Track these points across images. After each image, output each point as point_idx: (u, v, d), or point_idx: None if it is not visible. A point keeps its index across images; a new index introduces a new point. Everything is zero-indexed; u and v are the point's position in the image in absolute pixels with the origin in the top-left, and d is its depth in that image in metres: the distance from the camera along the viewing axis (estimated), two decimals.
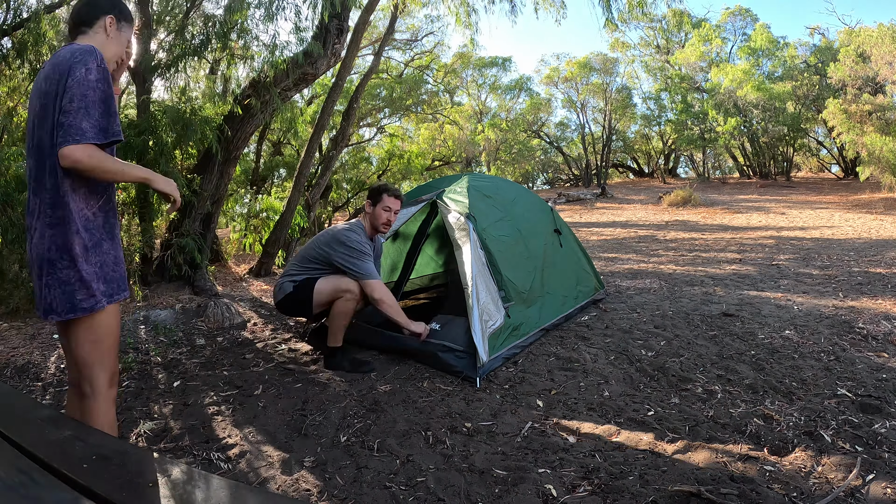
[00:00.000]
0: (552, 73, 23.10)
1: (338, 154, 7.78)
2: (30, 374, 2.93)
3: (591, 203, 15.99)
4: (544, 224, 3.81)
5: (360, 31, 6.29)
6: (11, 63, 4.95)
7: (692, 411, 2.26)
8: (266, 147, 11.89)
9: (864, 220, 9.58)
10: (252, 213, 6.91)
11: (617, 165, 27.38)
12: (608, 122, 22.42)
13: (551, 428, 2.15)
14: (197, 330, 3.73)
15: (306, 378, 2.74)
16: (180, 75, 4.75)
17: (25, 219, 1.48)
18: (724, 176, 24.28)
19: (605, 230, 10.30)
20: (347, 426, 2.18)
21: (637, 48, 24.04)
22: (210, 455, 1.97)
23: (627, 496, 1.65)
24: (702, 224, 10.51)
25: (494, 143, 20.37)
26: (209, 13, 4.88)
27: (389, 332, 3.06)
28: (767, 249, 7.00)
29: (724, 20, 22.60)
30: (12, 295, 4.22)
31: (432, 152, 16.28)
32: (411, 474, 1.82)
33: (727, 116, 18.36)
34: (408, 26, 15.58)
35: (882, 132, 12.05)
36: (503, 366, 2.83)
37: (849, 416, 2.17)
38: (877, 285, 4.53)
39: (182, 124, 4.50)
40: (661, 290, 4.71)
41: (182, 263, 4.63)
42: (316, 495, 1.70)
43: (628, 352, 3.02)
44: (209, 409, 2.41)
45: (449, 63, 18.20)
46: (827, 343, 3.11)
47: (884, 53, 12.84)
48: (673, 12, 20.71)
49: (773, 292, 4.47)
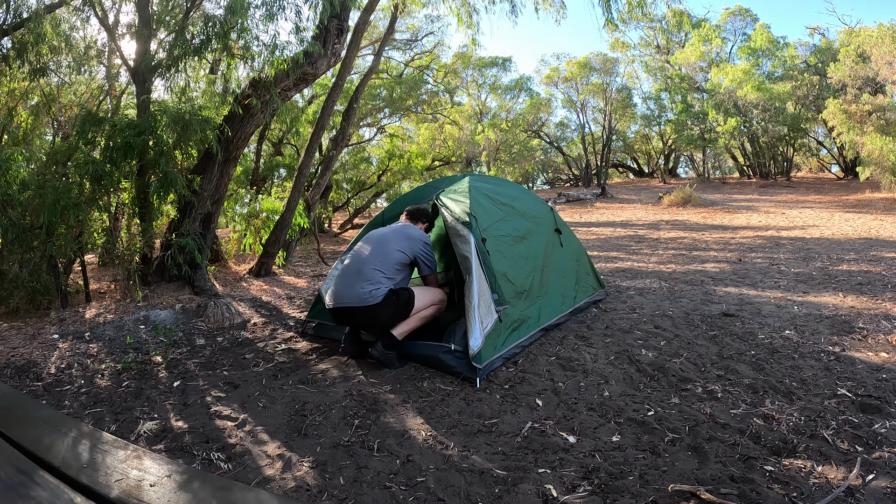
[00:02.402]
0: (552, 73, 23.11)
1: (338, 154, 7.77)
2: (30, 374, 2.93)
3: (591, 203, 15.99)
4: (545, 224, 3.81)
5: (360, 31, 6.30)
6: (11, 63, 4.95)
7: (692, 411, 2.26)
8: (266, 147, 11.89)
9: (864, 220, 9.57)
10: (252, 213, 6.91)
11: (617, 165, 27.39)
12: (608, 122, 22.43)
13: (551, 428, 2.15)
14: (197, 330, 3.73)
15: (306, 378, 2.74)
16: (180, 75, 4.75)
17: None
18: (724, 176, 24.29)
19: (604, 230, 10.30)
20: (347, 426, 2.18)
21: (637, 48, 24.08)
22: (210, 455, 1.97)
23: (627, 496, 1.65)
24: (702, 224, 10.51)
25: (494, 143, 20.37)
26: (209, 13, 4.88)
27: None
28: (767, 249, 7.00)
29: (724, 20, 22.62)
30: (12, 295, 4.22)
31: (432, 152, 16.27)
32: (411, 474, 1.82)
33: (727, 116, 18.37)
34: (408, 26, 15.58)
35: (882, 132, 12.05)
36: (503, 366, 2.83)
37: (849, 416, 2.17)
38: (877, 285, 4.53)
39: (182, 124, 4.50)
40: (661, 290, 4.71)
41: (182, 263, 4.63)
42: (316, 495, 1.70)
43: (628, 352, 3.02)
44: (209, 409, 2.41)
45: (449, 63, 18.20)
46: (827, 343, 3.11)
47: (884, 53, 12.85)
48: (673, 12, 20.67)
49: (773, 292, 4.47)
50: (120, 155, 4.33)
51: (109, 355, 3.21)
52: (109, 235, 4.82)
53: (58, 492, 0.55)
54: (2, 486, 0.54)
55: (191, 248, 4.62)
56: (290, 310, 4.35)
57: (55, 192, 4.14)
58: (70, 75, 6.08)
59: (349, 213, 12.90)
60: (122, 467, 0.60)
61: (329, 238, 10.88)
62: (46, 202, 4.10)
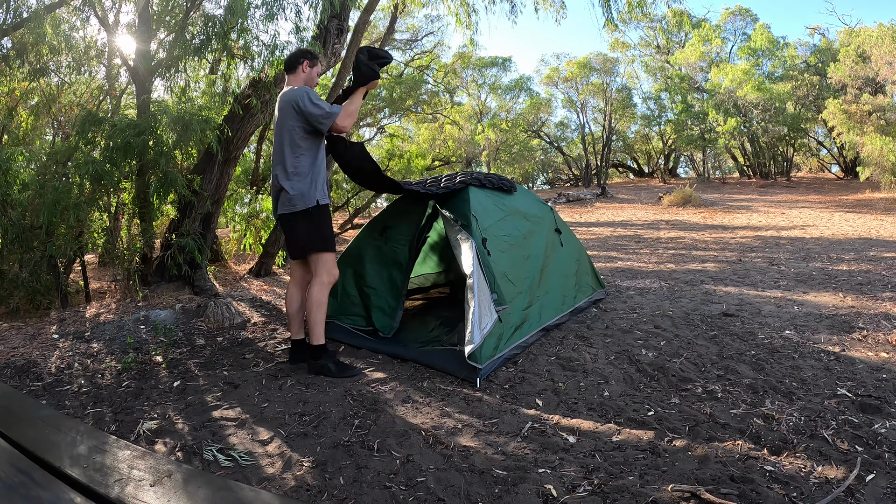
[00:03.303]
0: (552, 73, 23.11)
1: None
2: (30, 374, 2.93)
3: (591, 203, 15.99)
4: (545, 224, 3.81)
5: (360, 31, 6.29)
6: (11, 63, 4.95)
7: (692, 411, 2.26)
8: (266, 147, 11.88)
9: (864, 220, 9.57)
10: (252, 213, 6.91)
11: (617, 165, 27.39)
12: (608, 122, 22.42)
13: (551, 428, 2.15)
14: (197, 330, 3.73)
15: (306, 378, 2.73)
16: (180, 75, 4.75)
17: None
18: (724, 176, 24.29)
19: (604, 230, 10.30)
20: (347, 426, 2.18)
21: (637, 48, 24.07)
22: (210, 454, 1.97)
23: (627, 496, 1.65)
24: (702, 224, 10.51)
25: (494, 143, 20.36)
26: (209, 13, 4.87)
27: (394, 343, 3.09)
28: (767, 249, 7.00)
29: (724, 20, 22.63)
30: (12, 295, 4.22)
31: (432, 152, 16.28)
32: (411, 474, 1.82)
33: (727, 116, 18.36)
34: (408, 26, 15.59)
35: (882, 132, 12.05)
36: (503, 366, 2.83)
37: (849, 416, 2.17)
38: (877, 285, 4.53)
39: (182, 124, 4.50)
40: (661, 290, 4.71)
41: (182, 263, 4.63)
42: (316, 495, 1.70)
43: (628, 352, 3.02)
44: (209, 408, 2.41)
45: (449, 63, 18.21)
46: (827, 343, 3.11)
47: (884, 53, 12.85)
48: (673, 12, 20.66)
49: (773, 292, 4.47)
50: (120, 155, 4.33)
51: (109, 355, 3.21)
52: (109, 235, 4.82)
53: (58, 492, 0.55)
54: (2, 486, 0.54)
55: (191, 248, 4.62)
56: None
57: (55, 192, 4.13)
58: (70, 75, 6.07)
59: (349, 213, 12.89)
60: (122, 467, 0.60)
61: None
62: (46, 202, 4.10)
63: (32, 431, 0.70)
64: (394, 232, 3.49)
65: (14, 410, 0.79)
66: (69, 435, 0.70)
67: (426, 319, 3.83)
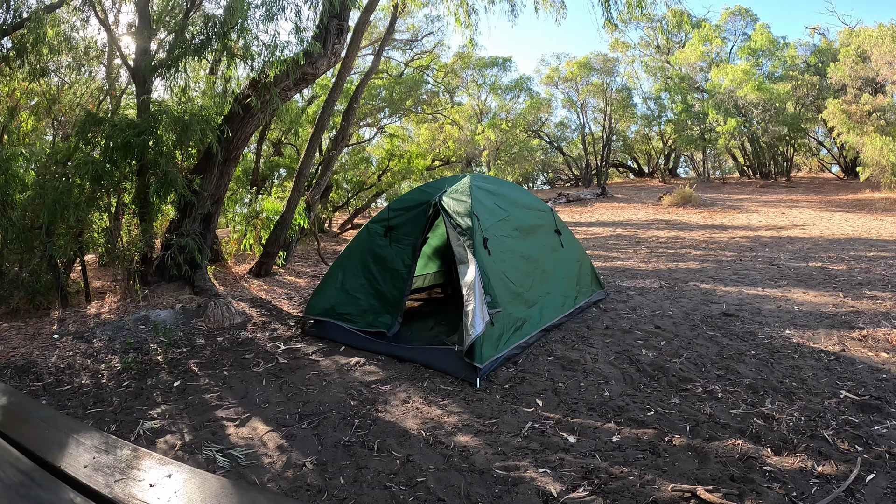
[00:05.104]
0: (552, 73, 23.10)
1: (338, 154, 7.77)
2: (30, 374, 2.93)
3: (591, 203, 15.98)
4: (545, 225, 3.81)
5: (360, 31, 6.29)
6: (12, 63, 4.95)
7: (692, 411, 2.26)
8: (266, 147, 11.89)
9: (864, 220, 9.57)
10: (252, 213, 6.90)
11: (617, 165, 27.38)
12: (608, 122, 22.42)
13: (551, 428, 2.15)
14: (197, 330, 3.73)
15: (307, 378, 2.73)
16: (180, 75, 4.74)
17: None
18: (724, 176, 24.28)
19: (604, 230, 10.29)
20: (347, 426, 2.18)
21: (637, 48, 24.06)
22: (210, 454, 1.97)
23: (627, 496, 1.65)
24: (701, 224, 10.51)
25: (494, 143, 20.36)
26: (209, 13, 4.88)
27: (394, 343, 3.10)
28: (767, 249, 7.00)
29: (724, 20, 22.61)
30: (12, 295, 4.22)
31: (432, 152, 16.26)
32: (411, 474, 1.81)
33: (727, 116, 18.36)
34: (408, 26, 15.57)
35: (882, 132, 12.05)
36: (503, 366, 2.83)
37: (849, 416, 2.17)
38: (877, 285, 4.53)
39: (182, 125, 4.50)
40: (661, 289, 4.71)
41: (182, 263, 4.63)
42: (316, 495, 1.70)
43: (628, 352, 3.02)
44: (209, 408, 2.41)
45: (449, 63, 18.19)
46: (827, 343, 3.11)
47: (884, 53, 12.85)
48: (673, 12, 20.68)
49: (772, 292, 4.47)
50: (120, 155, 4.33)
51: (109, 355, 3.20)
52: (109, 235, 4.82)
53: (58, 492, 0.55)
54: (2, 486, 0.54)
55: (191, 248, 4.61)
56: (290, 309, 4.35)
57: (55, 192, 4.13)
58: (70, 75, 6.07)
59: (349, 213, 12.89)
60: (122, 467, 0.60)
61: (329, 238, 10.88)
62: (46, 202, 4.10)
63: (32, 431, 0.70)
64: (398, 233, 3.49)
65: (14, 410, 0.79)
66: (69, 435, 0.70)
67: (426, 319, 3.84)
